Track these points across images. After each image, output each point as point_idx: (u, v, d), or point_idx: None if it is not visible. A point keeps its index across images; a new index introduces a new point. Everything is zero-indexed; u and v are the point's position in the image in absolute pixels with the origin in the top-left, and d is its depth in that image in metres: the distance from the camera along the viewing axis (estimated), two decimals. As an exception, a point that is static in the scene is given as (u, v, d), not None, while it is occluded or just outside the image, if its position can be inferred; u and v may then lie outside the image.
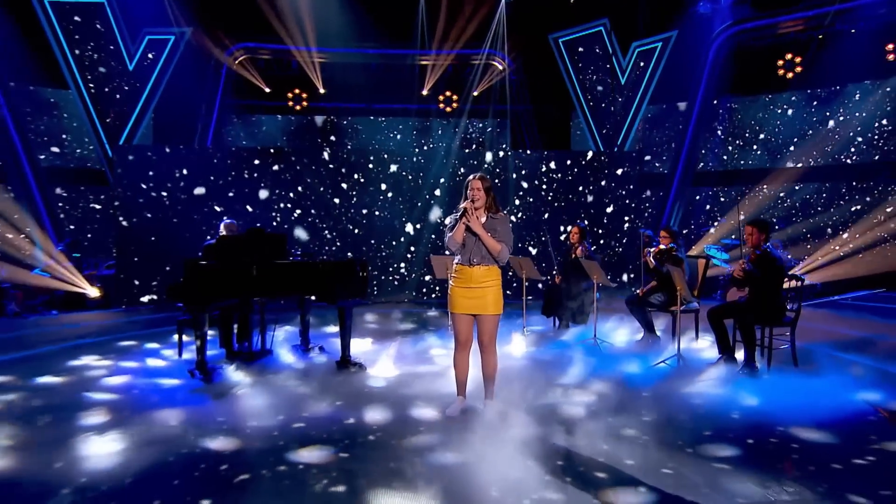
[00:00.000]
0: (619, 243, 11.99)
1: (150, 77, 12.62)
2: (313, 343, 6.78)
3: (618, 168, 12.05)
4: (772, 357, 5.70)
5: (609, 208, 11.99)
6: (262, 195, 11.27)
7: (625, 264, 11.94)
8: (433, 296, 11.84)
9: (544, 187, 11.93)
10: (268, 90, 14.78)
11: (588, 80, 14.44)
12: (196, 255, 6.36)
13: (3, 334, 8.13)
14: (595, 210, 11.95)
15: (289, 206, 11.42)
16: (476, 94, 15.01)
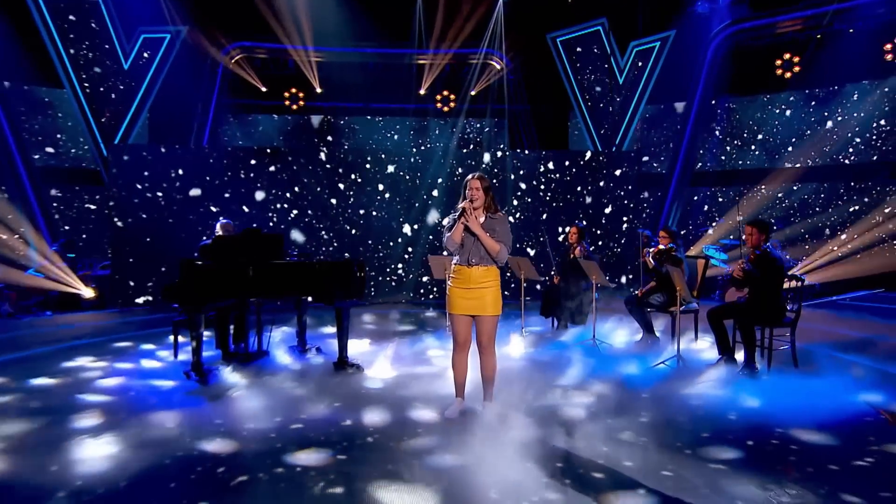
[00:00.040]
0: (618, 244, 11.98)
1: (146, 76, 12.54)
2: (310, 344, 6.75)
3: (616, 168, 12.03)
4: (772, 358, 5.69)
5: (607, 208, 11.97)
6: (259, 195, 11.22)
7: (623, 265, 11.92)
8: (431, 296, 11.80)
9: (542, 187, 11.90)
10: (264, 89, 14.73)
11: (586, 80, 14.42)
12: (192, 256, 6.31)
13: (-3, 335, 8.08)
14: (593, 210, 11.93)
15: (285, 207, 11.36)
16: (474, 93, 14.99)
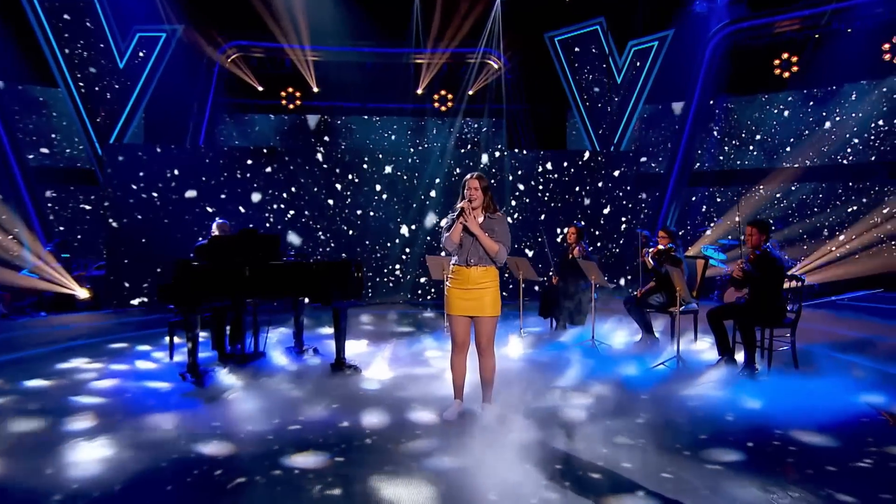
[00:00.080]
0: (617, 244, 11.96)
1: (141, 75, 12.48)
2: (307, 345, 6.71)
3: (614, 168, 12.02)
4: (772, 358, 5.67)
5: (606, 209, 11.95)
6: (255, 196, 11.17)
7: (622, 265, 11.91)
8: (429, 297, 11.77)
9: (540, 187, 11.87)
10: (261, 89, 14.66)
11: (584, 80, 14.40)
12: (188, 257, 6.27)
13: (-9, 336, 8.02)
14: (592, 210, 11.91)
15: (282, 207, 11.31)
16: (471, 93, 14.94)
